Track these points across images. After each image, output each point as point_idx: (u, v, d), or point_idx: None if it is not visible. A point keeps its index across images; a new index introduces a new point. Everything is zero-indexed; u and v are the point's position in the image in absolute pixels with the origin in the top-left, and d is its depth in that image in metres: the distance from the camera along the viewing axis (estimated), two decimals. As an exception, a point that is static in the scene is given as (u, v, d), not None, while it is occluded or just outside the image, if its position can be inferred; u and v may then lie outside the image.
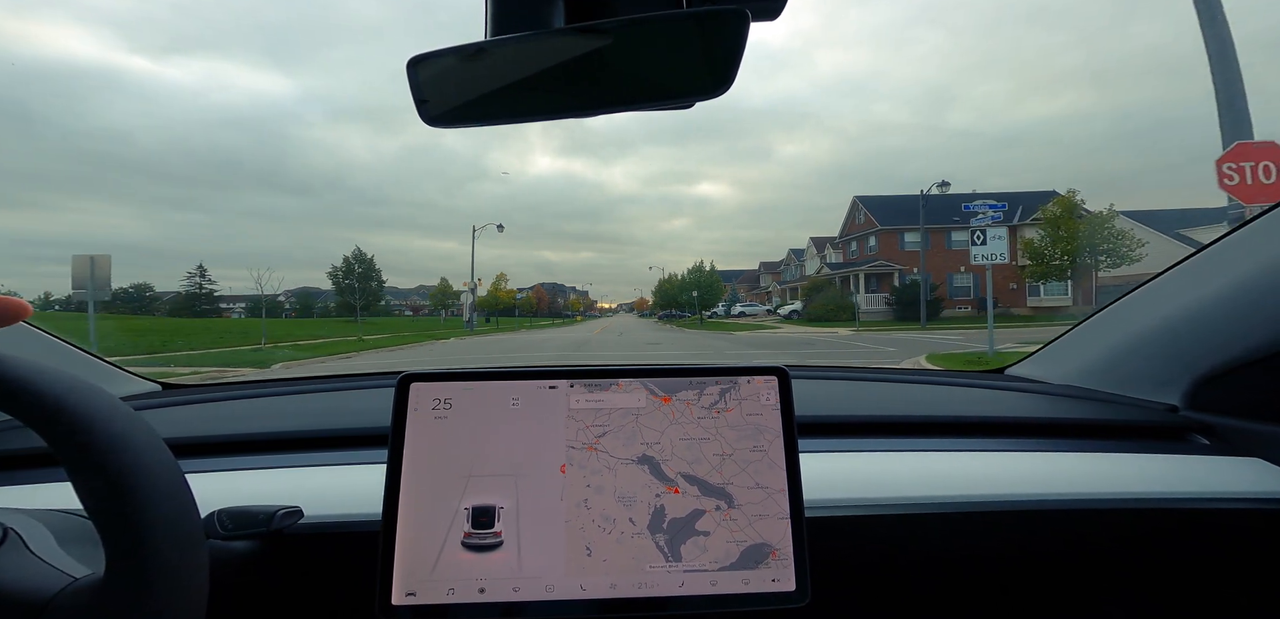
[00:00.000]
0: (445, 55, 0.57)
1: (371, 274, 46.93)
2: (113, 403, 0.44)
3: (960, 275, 33.05)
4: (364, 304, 44.20)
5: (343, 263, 46.50)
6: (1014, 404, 1.09)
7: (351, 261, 45.97)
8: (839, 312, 30.50)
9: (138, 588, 0.41)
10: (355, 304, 42.97)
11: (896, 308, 30.28)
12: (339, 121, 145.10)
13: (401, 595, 0.58)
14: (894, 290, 32.24)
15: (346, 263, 46.18)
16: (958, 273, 33.06)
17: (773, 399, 0.67)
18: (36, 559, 0.47)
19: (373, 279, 47.07)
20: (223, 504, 0.64)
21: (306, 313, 51.00)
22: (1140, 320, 1.04)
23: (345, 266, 46.19)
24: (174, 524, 0.43)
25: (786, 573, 0.61)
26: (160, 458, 0.45)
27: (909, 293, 29.62)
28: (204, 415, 1.08)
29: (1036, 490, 0.79)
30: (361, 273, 45.76)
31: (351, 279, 45.29)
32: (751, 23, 0.55)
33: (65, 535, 0.52)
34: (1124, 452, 0.88)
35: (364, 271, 46.11)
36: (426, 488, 0.62)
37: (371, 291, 46.52)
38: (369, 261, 46.74)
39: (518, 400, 0.65)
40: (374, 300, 47.61)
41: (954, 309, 31.16)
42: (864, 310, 30.49)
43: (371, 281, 46.73)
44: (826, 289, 36.19)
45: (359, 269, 45.78)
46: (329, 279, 46.69)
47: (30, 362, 0.43)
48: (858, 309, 30.26)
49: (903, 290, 31.27)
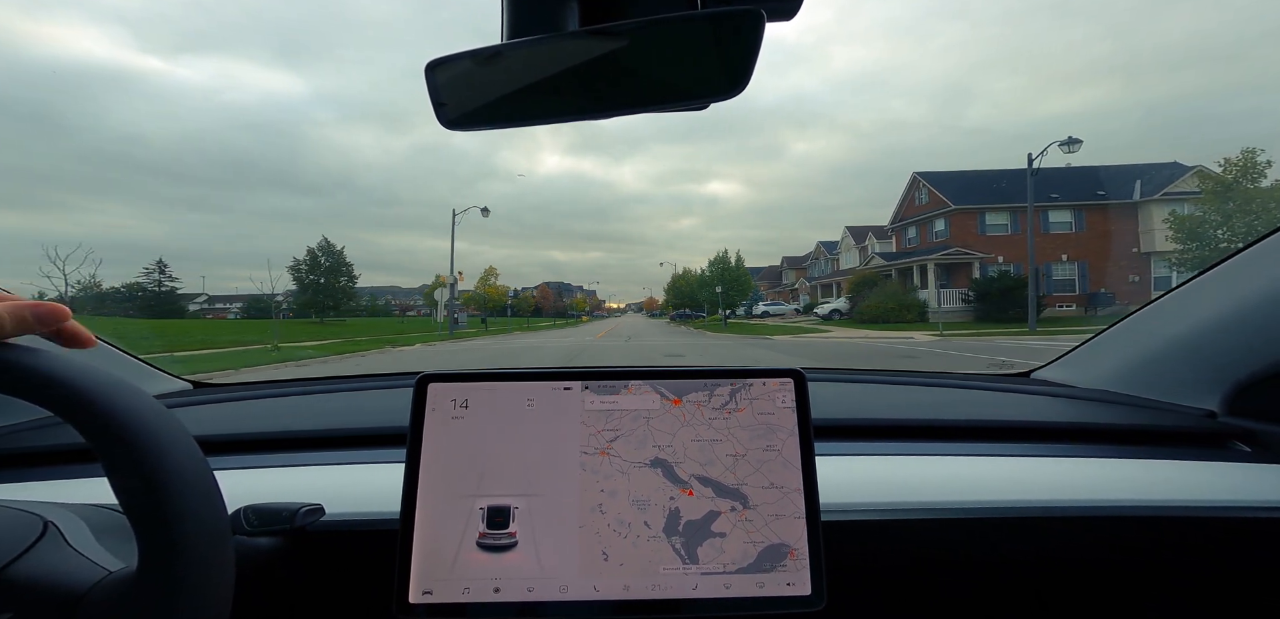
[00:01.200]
0: (462, 59, 0.58)
1: (340, 269, 41.54)
2: (148, 401, 0.46)
3: (1062, 266, 27.77)
4: (331, 303, 39.77)
5: (307, 256, 40.85)
6: (1040, 408, 1.06)
7: (317, 254, 40.71)
8: (902, 311, 25.24)
9: (169, 582, 0.42)
10: (323, 303, 38.78)
11: (977, 305, 25.18)
12: (349, 121, 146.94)
13: (418, 593, 0.59)
14: (974, 284, 26.69)
15: (311, 256, 40.71)
16: (1058, 262, 27.80)
17: (787, 400, 0.66)
18: (74, 552, 0.49)
19: (342, 274, 41.65)
20: (248, 501, 0.66)
21: (303, 314, 45.47)
22: (1176, 324, 1.02)
23: (310, 260, 40.72)
24: (204, 521, 0.45)
25: (802, 576, 0.61)
26: (191, 456, 0.46)
27: (995, 287, 24.64)
28: (231, 414, 1.11)
29: (1065, 497, 0.77)
30: (329, 267, 40.78)
31: (317, 274, 40.27)
32: (767, 23, 0.55)
33: (101, 529, 0.55)
34: (1159, 458, 0.85)
35: (332, 266, 40.99)
36: (443, 487, 0.63)
37: (339, 290, 41.22)
38: (337, 255, 41.35)
39: (532, 402, 0.66)
40: (343, 298, 41.85)
41: (1053, 306, 25.53)
42: (934, 309, 25.60)
43: (340, 278, 41.44)
44: (880, 284, 30.12)
45: (325, 263, 40.74)
46: (289, 275, 40.62)
47: (74, 359, 0.45)
48: (927, 307, 25.85)
49: (986, 284, 25.66)
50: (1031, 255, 20.08)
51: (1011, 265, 26.00)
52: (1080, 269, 27.66)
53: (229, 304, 41.90)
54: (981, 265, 28.08)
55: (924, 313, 25.40)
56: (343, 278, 41.56)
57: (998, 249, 28.29)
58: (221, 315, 44.71)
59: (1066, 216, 28.56)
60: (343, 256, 41.44)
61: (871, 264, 34.93)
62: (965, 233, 29.54)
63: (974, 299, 25.57)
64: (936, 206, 31.21)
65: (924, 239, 32.46)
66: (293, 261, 40.80)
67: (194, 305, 47.70)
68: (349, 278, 42.20)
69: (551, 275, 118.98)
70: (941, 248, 29.48)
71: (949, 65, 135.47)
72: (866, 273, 33.41)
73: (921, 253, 30.89)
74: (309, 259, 40.57)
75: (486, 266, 55.22)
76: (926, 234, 32.38)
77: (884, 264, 33.23)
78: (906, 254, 33.19)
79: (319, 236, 79.14)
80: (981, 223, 29.60)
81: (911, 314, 25.04)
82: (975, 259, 28.35)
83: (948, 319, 23.55)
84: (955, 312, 25.57)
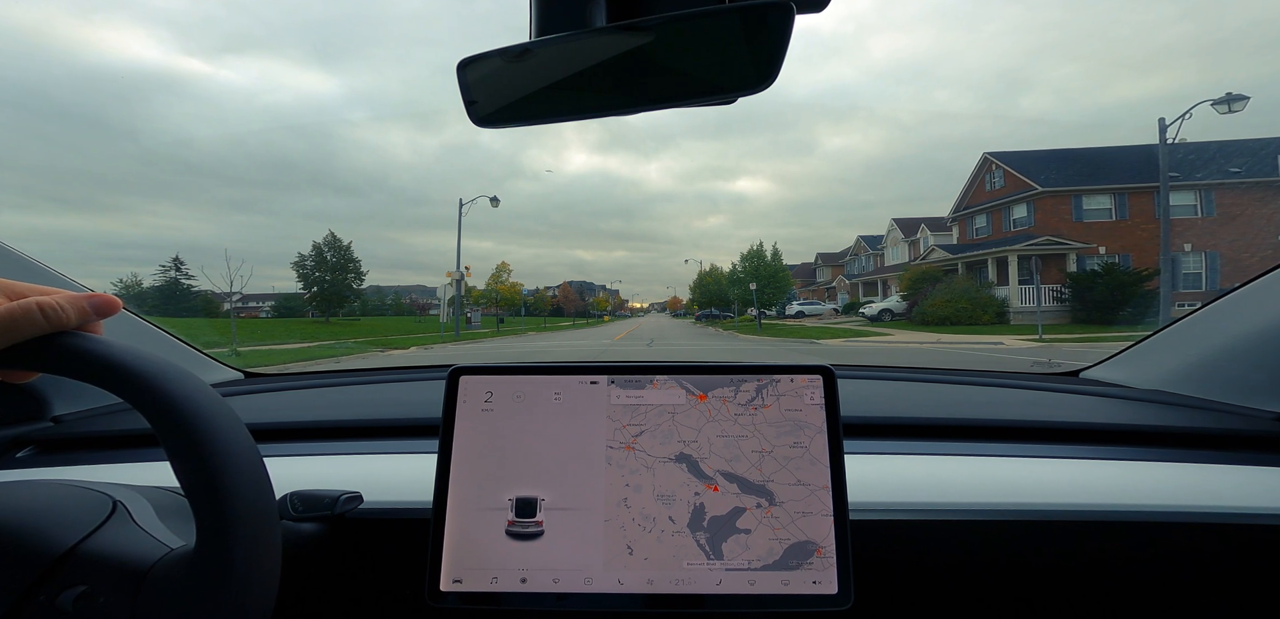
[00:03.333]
0: (492, 57, 0.59)
1: (347, 265, 38.30)
2: (206, 391, 0.49)
3: (1187, 256, 22.25)
4: (337, 300, 37.02)
5: (312, 251, 37.69)
6: (1091, 409, 1.01)
7: (324, 250, 37.66)
8: (976, 310, 21.14)
9: (222, 561, 0.44)
10: (329, 300, 36.08)
11: (1073, 304, 21.00)
12: (382, 121, 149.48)
13: (449, 582, 0.61)
14: (1070, 279, 22.02)
15: (317, 252, 37.66)
16: (1181, 252, 22.12)
17: (816, 397, 0.65)
18: (140, 530, 0.52)
19: (350, 271, 38.57)
20: (293, 487, 0.68)
21: (298, 312, 43.31)
22: (1240, 324, 0.97)
23: (315, 255, 37.65)
24: (255, 505, 0.47)
25: (828, 575, 0.60)
26: (243, 443, 0.48)
27: (1099, 282, 20.13)
28: (278, 403, 1.16)
29: (1118, 501, 0.75)
30: (335, 263, 37.74)
31: (324, 272, 37.33)
32: (796, 15, 0.54)
33: (164, 509, 0.58)
34: (1222, 463, 0.81)
35: (338, 262, 37.93)
36: (473, 478, 0.64)
37: (344, 286, 38.29)
38: (344, 250, 38.22)
39: (559, 395, 0.67)
40: (351, 297, 39.06)
41: (1176, 304, 17.81)
42: (1017, 309, 21.75)
43: (346, 274, 38.39)
44: (944, 281, 25.08)
45: (331, 259, 37.66)
46: (294, 271, 37.98)
47: (140, 350, 0.47)
48: (1007, 306, 21.78)
49: (1087, 279, 20.77)
50: (1165, 243, 16.47)
51: (1115, 256, 22.13)
52: (1210, 261, 22.29)
53: (262, 303, 40.17)
54: (1078, 257, 23.50)
55: (1003, 312, 21.81)
56: (350, 275, 38.72)
57: (1099, 238, 23.75)
58: (253, 314, 43.73)
59: (1189, 199, 23.43)
60: (350, 252, 38.66)
61: (931, 257, 29.89)
62: (1055, 219, 24.81)
63: (1069, 297, 21.45)
64: (1016, 190, 26.39)
65: (998, 228, 27.69)
66: (297, 257, 38.40)
67: (228, 304, 47.19)
68: (356, 275, 39.23)
69: (578, 274, 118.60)
70: (1025, 237, 24.50)
71: (1002, 51, 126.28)
72: (926, 267, 28.77)
73: (999, 243, 25.66)
74: (314, 255, 38.07)
75: (499, 262, 51.43)
76: (1001, 222, 27.55)
77: (949, 257, 28.10)
78: (979, 245, 27.84)
79: (359, 236, 79.68)
80: (1077, 207, 24.72)
81: (988, 314, 21.31)
82: (1071, 249, 23.60)
83: (1033, 320, 19.23)
84: (1048, 312, 20.58)
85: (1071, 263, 23.42)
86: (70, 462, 0.88)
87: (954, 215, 31.76)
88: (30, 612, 0.45)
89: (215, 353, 1.35)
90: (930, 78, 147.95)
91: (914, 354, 12.53)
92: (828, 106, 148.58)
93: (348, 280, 38.58)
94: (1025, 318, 20.76)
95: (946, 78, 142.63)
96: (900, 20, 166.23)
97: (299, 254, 38.35)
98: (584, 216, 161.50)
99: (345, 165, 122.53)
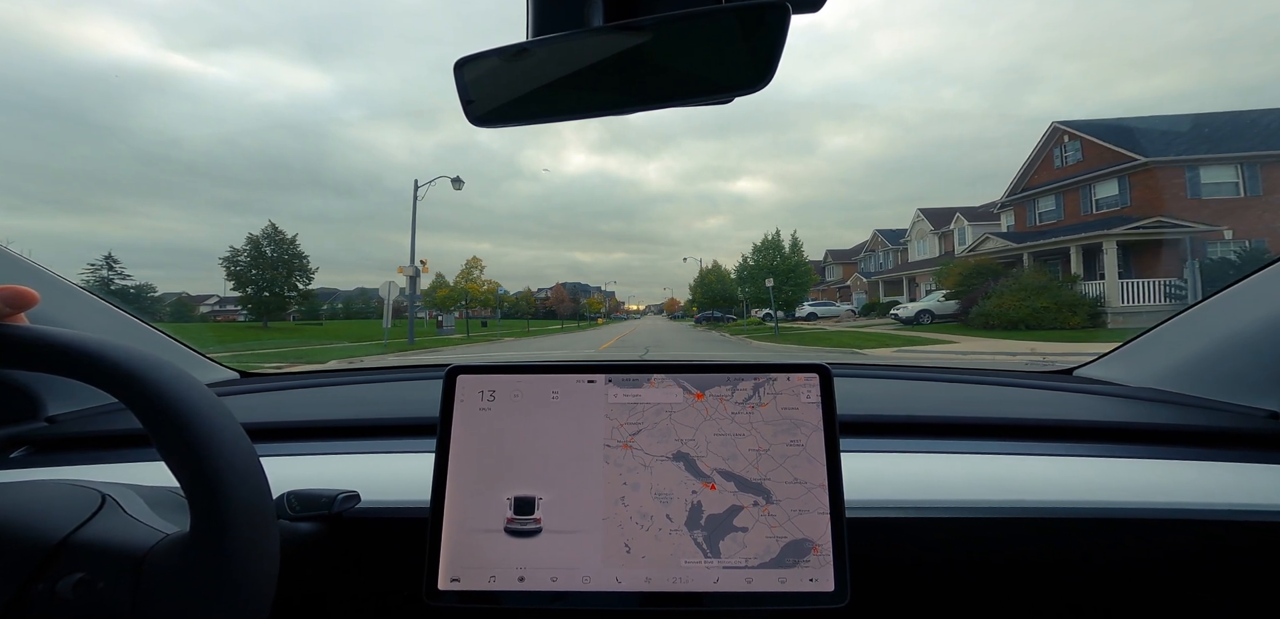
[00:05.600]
0: (490, 56, 0.60)
1: (291, 262, 31.19)
2: (202, 390, 0.49)
3: None
4: (277, 303, 30.54)
5: (247, 246, 30.33)
6: (1085, 407, 1.02)
7: (261, 243, 30.55)
8: (1060, 312, 15.92)
9: (219, 548, 0.45)
10: (267, 304, 29.90)
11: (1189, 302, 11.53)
12: (378, 119, 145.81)
13: (447, 580, 0.61)
14: (1205, 267, 16.71)
15: (253, 245, 30.41)
16: None
17: (812, 396, 0.66)
18: (132, 519, 0.52)
19: (295, 268, 31.37)
20: (290, 486, 0.68)
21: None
22: (1234, 321, 0.97)
23: (251, 251, 30.34)
24: (251, 506, 0.47)
25: (825, 572, 0.60)
26: (240, 444, 0.48)
27: (1233, 274, 7.51)
28: (275, 402, 1.16)
29: (1112, 498, 0.75)
30: (276, 259, 30.80)
31: (262, 269, 30.50)
32: (792, 15, 0.54)
33: (156, 503, 0.58)
34: (1216, 460, 0.82)
35: (279, 257, 30.88)
36: (471, 477, 0.64)
37: (283, 286, 31.17)
38: (287, 244, 31.18)
39: (557, 394, 0.67)
40: (295, 300, 32.07)
41: None
42: (1116, 309, 16.95)
43: (290, 273, 31.33)
44: (1004, 276, 19.25)
45: (272, 254, 30.69)
46: (222, 267, 30.47)
47: (135, 350, 0.47)
48: (1102, 305, 17.07)
49: (1216, 269, 16.12)
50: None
51: (1247, 240, 17.13)
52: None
53: (239, 308, 33.17)
54: (1190, 242, 18.25)
55: (1098, 313, 16.89)
56: (295, 274, 31.43)
57: (1222, 217, 18.23)
58: (231, 317, 37.06)
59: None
60: (295, 247, 31.28)
61: (984, 247, 24.34)
62: (1159, 197, 19.43)
63: (1184, 294, 16.57)
64: (1102, 163, 20.81)
65: (1073, 211, 22.18)
66: (228, 251, 30.32)
67: (205, 307, 41.96)
68: (304, 273, 31.76)
69: (576, 277, 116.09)
70: (1118, 219, 19.22)
71: (1008, 48, 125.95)
72: (980, 260, 22.68)
73: (1086, 227, 20.13)
74: (250, 250, 30.42)
75: (470, 257, 43.14)
76: (1078, 204, 21.91)
77: (1012, 246, 22.63)
78: (1053, 231, 22.02)
79: (355, 237, 73.77)
80: (1192, 182, 19.11)
81: (1078, 315, 16.10)
82: (1188, 231, 18.28)
83: (1136, 320, 14.69)
84: (1154, 312, 15.36)
85: (1186, 249, 18.35)
86: (65, 461, 0.88)
87: (1008, 200, 26.04)
88: (31, 603, 0.45)
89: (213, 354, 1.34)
90: (935, 75, 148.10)
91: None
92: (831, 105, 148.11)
93: (291, 280, 31.71)
94: (1127, 319, 16.10)
95: (952, 75, 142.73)
96: (905, 17, 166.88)
97: (230, 248, 30.52)
98: (583, 218, 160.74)
99: (341, 165, 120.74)
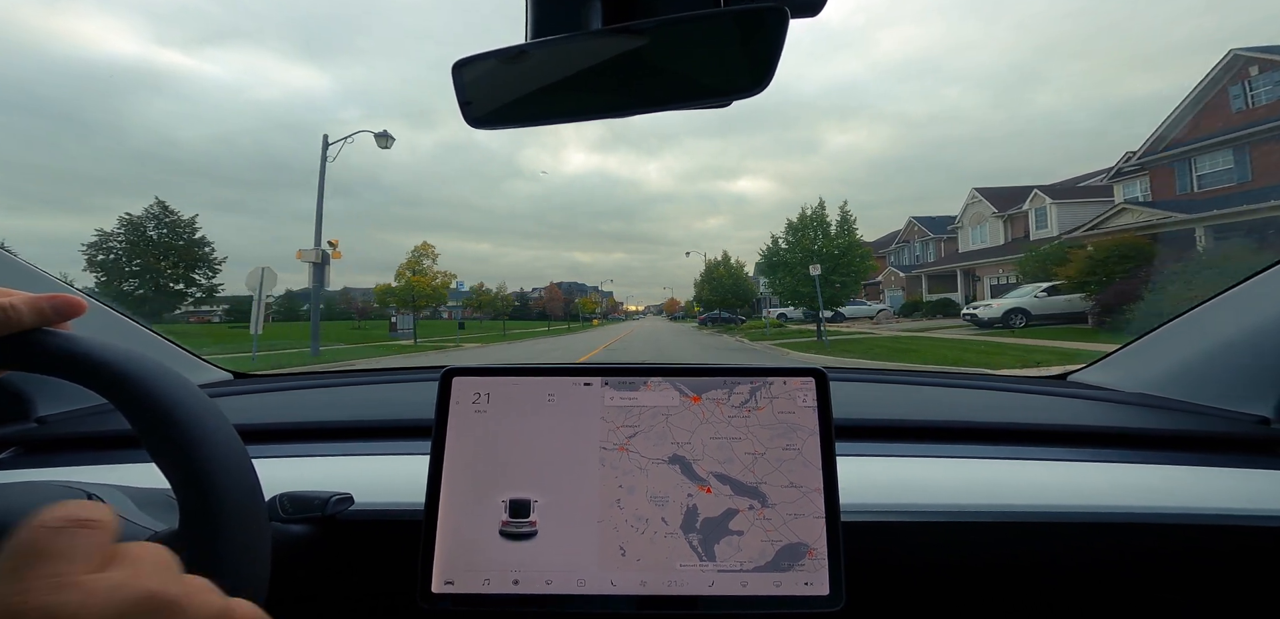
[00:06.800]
0: (488, 58, 0.60)
1: (188, 251, 24.32)
2: (193, 390, 0.48)
3: None
4: (167, 298, 24.17)
5: (121, 227, 23.58)
6: (1079, 412, 1.03)
7: (144, 225, 23.96)
8: None
9: (211, 550, 0.44)
10: (147, 299, 23.21)
11: None
12: (375, 118, 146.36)
13: (441, 583, 0.61)
14: None
15: (130, 227, 23.64)
16: None
17: (809, 399, 0.66)
18: (121, 519, 0.51)
19: (192, 259, 24.48)
20: (282, 488, 0.68)
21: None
22: (1226, 327, 0.98)
23: (128, 234, 23.40)
24: (243, 508, 0.46)
25: (820, 576, 0.60)
26: (232, 445, 0.48)
27: None
28: (268, 404, 1.15)
29: (1104, 502, 0.76)
30: (163, 244, 24.01)
31: (146, 257, 23.79)
32: (791, 19, 0.55)
33: (144, 502, 0.57)
34: (1208, 465, 0.83)
35: (167, 242, 24.03)
36: (466, 480, 0.64)
37: (173, 277, 24.23)
38: (180, 228, 24.52)
39: (553, 397, 0.67)
40: (173, 297, 24.75)
41: None
42: None
43: (178, 264, 24.20)
44: (1161, 260, 14.48)
45: (158, 238, 24.09)
46: (84, 256, 23.51)
47: (124, 349, 0.47)
48: None
49: None
50: None
51: None
52: None
53: (215, 309, 30.79)
54: None
55: None
56: (195, 266, 24.79)
57: None
58: (205, 319, 34.66)
59: None
60: (191, 232, 24.46)
61: (1119, 220, 18.73)
62: None
63: None
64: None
65: (1266, 170, 17.02)
66: (96, 235, 23.44)
67: (182, 308, 40.47)
68: (207, 267, 25.43)
69: (576, 277, 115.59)
70: None
71: (1015, 45, 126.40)
72: (1119, 238, 16.97)
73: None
74: (126, 230, 23.59)
75: (420, 242, 33.87)
76: (1269, 160, 16.79)
77: (1183, 219, 17.04)
78: (1241, 195, 16.49)
79: (353, 238, 69.15)
80: None
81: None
82: None
83: None
84: None
85: None
86: (54, 463, 0.87)
87: (1145, 159, 19.51)
88: None
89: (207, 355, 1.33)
90: (940, 74, 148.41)
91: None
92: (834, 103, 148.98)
93: (180, 272, 25.18)
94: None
95: (957, 74, 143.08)
96: (910, 14, 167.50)
97: (97, 231, 23.81)
98: (583, 218, 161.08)
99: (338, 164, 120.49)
